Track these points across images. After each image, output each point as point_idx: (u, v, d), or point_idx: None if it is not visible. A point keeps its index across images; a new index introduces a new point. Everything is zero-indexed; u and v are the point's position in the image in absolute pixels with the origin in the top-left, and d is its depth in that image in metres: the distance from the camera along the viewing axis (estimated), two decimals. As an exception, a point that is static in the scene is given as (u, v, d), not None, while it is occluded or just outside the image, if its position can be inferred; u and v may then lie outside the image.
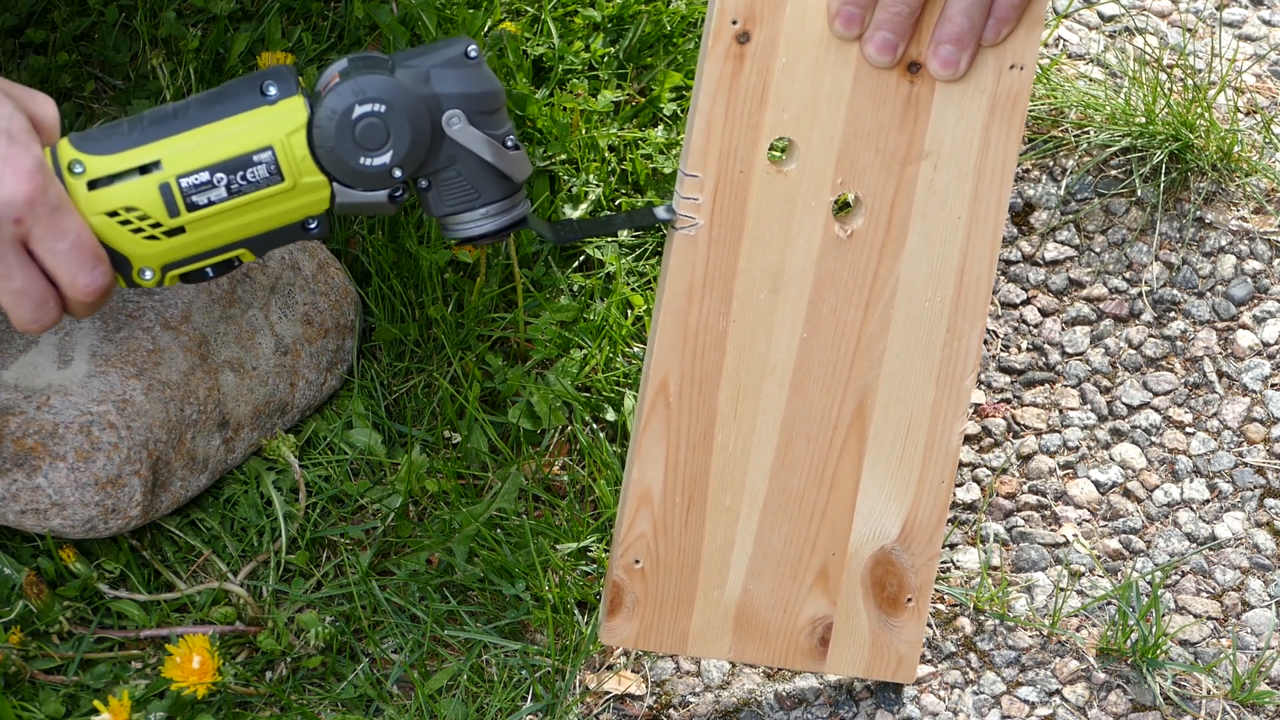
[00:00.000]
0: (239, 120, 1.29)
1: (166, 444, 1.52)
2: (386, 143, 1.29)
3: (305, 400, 1.62)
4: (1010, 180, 1.39)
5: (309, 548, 1.57)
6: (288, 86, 1.29)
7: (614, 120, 1.80)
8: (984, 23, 1.35)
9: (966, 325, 1.42)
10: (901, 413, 1.42)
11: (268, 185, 1.29)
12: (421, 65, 1.30)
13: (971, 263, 1.40)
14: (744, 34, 1.34)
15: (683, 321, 1.39)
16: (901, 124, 1.37)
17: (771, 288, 1.39)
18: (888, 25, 1.34)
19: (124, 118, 1.31)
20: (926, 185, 1.38)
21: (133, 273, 1.30)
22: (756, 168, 1.36)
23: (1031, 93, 1.86)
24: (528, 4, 1.86)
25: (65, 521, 1.49)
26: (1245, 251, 1.81)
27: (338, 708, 1.49)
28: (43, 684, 1.47)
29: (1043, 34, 1.33)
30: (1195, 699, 1.55)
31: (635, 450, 1.41)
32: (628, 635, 1.45)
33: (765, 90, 1.35)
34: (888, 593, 1.46)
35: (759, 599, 1.45)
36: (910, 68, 1.36)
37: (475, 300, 1.67)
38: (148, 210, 1.28)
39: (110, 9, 1.81)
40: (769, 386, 1.41)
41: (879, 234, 1.39)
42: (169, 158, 1.28)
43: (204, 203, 1.29)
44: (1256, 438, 1.70)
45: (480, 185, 1.32)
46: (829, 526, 1.44)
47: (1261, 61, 1.96)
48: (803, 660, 1.47)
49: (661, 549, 1.43)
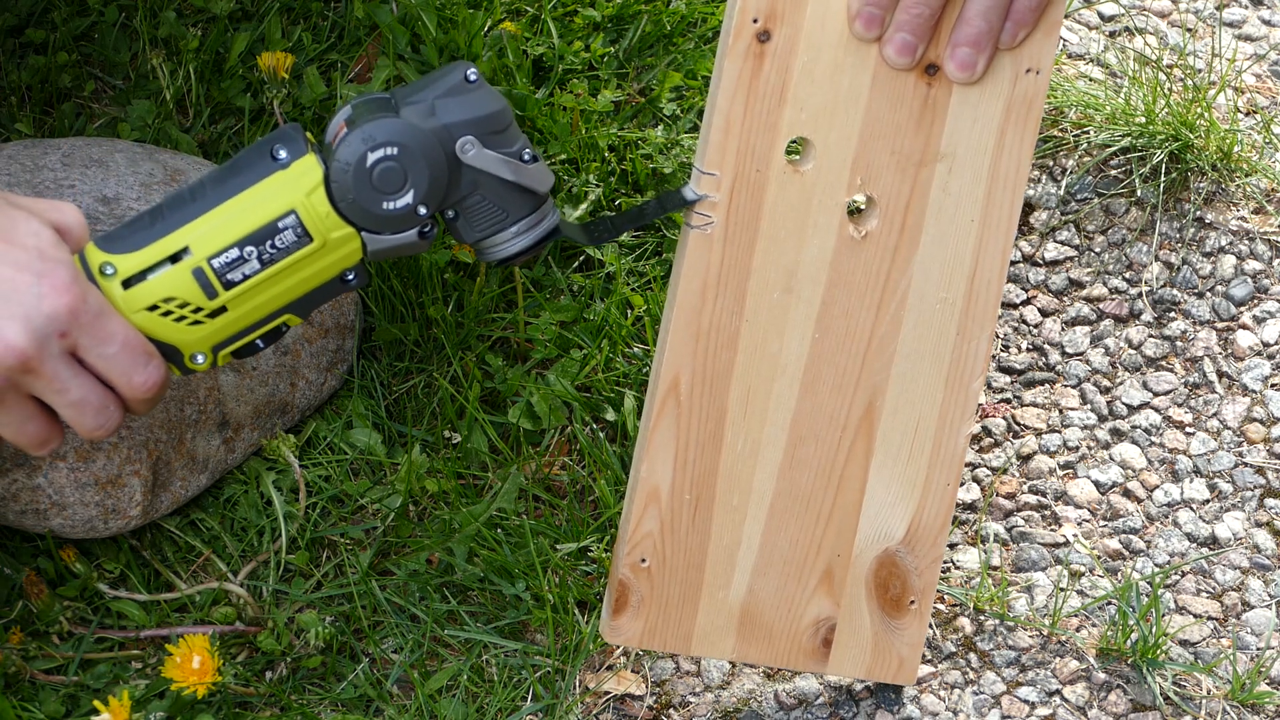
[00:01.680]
0: (256, 190, 1.29)
1: (166, 444, 1.52)
2: (406, 184, 1.29)
3: (305, 400, 1.62)
4: (1024, 185, 1.39)
5: (309, 548, 1.57)
6: (297, 147, 1.30)
7: (614, 120, 1.80)
8: (1002, 25, 1.35)
9: (976, 328, 1.42)
10: (910, 414, 1.42)
11: (298, 248, 1.30)
12: (425, 99, 1.30)
13: (983, 266, 1.40)
14: (765, 33, 1.34)
15: (695, 320, 1.39)
16: (918, 126, 1.37)
17: (785, 287, 1.39)
18: (908, 27, 1.34)
19: (143, 211, 1.32)
20: (941, 188, 1.38)
21: (185, 360, 1.32)
22: (774, 167, 1.36)
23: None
24: (528, 4, 1.86)
25: (65, 521, 1.49)
26: (1245, 251, 1.81)
27: (338, 708, 1.49)
28: (43, 684, 1.47)
29: (1059, 38, 1.33)
30: (1195, 699, 1.55)
31: (644, 448, 1.41)
32: (632, 634, 1.45)
33: (784, 89, 1.35)
34: (891, 594, 1.46)
35: (764, 600, 1.45)
36: (928, 70, 1.36)
37: (475, 300, 1.67)
38: (186, 298, 1.29)
39: (110, 9, 1.81)
40: (779, 386, 1.41)
41: (893, 235, 1.39)
42: (196, 242, 1.29)
43: (239, 278, 1.29)
44: (1256, 438, 1.70)
45: (507, 205, 1.33)
46: (835, 527, 1.44)
47: (1261, 61, 1.96)
48: (805, 661, 1.47)
49: (668, 548, 1.43)
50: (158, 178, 1.61)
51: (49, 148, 1.63)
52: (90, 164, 1.61)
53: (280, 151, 1.29)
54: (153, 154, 1.64)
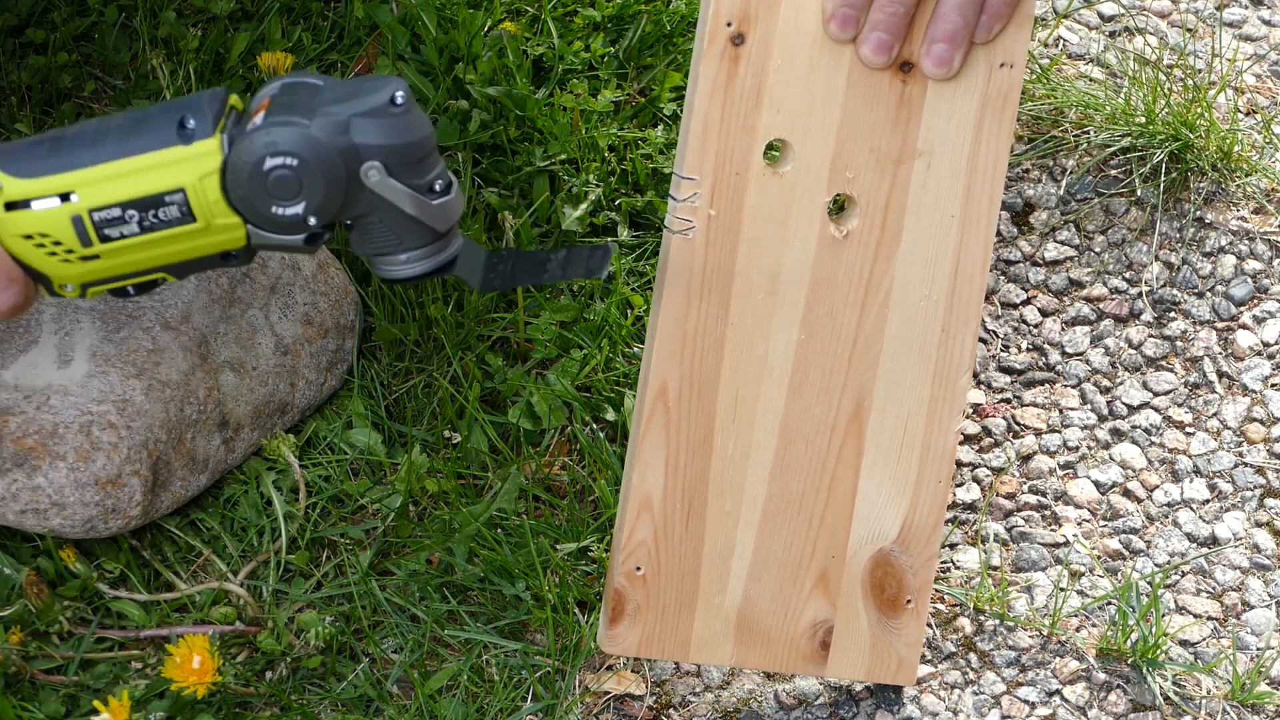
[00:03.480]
0: (153, 158, 1.26)
1: (166, 444, 1.52)
2: (299, 194, 1.26)
3: (305, 400, 1.62)
4: (1002, 178, 1.39)
5: (309, 548, 1.57)
6: (204, 125, 1.26)
7: (614, 120, 1.80)
8: (977, 20, 1.35)
9: (961, 324, 1.42)
10: (898, 413, 1.42)
11: (180, 224, 1.27)
12: (342, 114, 1.25)
13: (965, 261, 1.40)
14: (739, 35, 1.34)
15: (681, 326, 1.39)
16: (895, 124, 1.37)
17: (769, 289, 1.39)
18: (883, 26, 1.34)
19: (50, 132, 1.29)
20: (920, 185, 1.39)
21: (54, 286, 1.30)
22: (753, 169, 1.37)
23: (1023, 90, 1.87)
24: (528, 4, 1.86)
25: (65, 521, 1.49)
26: (1245, 251, 1.81)
27: (338, 708, 1.49)
28: (43, 684, 1.47)
29: (1032, 31, 1.34)
30: (1195, 699, 1.55)
31: (635, 457, 1.41)
32: (630, 643, 1.45)
33: (760, 91, 1.35)
34: (887, 594, 1.46)
35: (760, 604, 1.45)
36: (903, 67, 1.36)
37: (475, 300, 1.67)
38: (62, 238, 1.27)
39: (110, 9, 1.81)
40: (767, 389, 1.41)
41: (874, 234, 1.39)
42: (83, 189, 1.27)
43: (116, 236, 1.27)
44: (1256, 438, 1.70)
45: (402, 233, 1.29)
46: (828, 529, 1.44)
47: (1261, 61, 1.96)
48: (804, 664, 1.47)
49: (663, 555, 1.43)
50: (158, 178, 1.61)
51: (49, 148, 1.63)
52: (90, 164, 1.61)
53: (189, 122, 1.26)
54: (153, 154, 1.64)
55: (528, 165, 1.75)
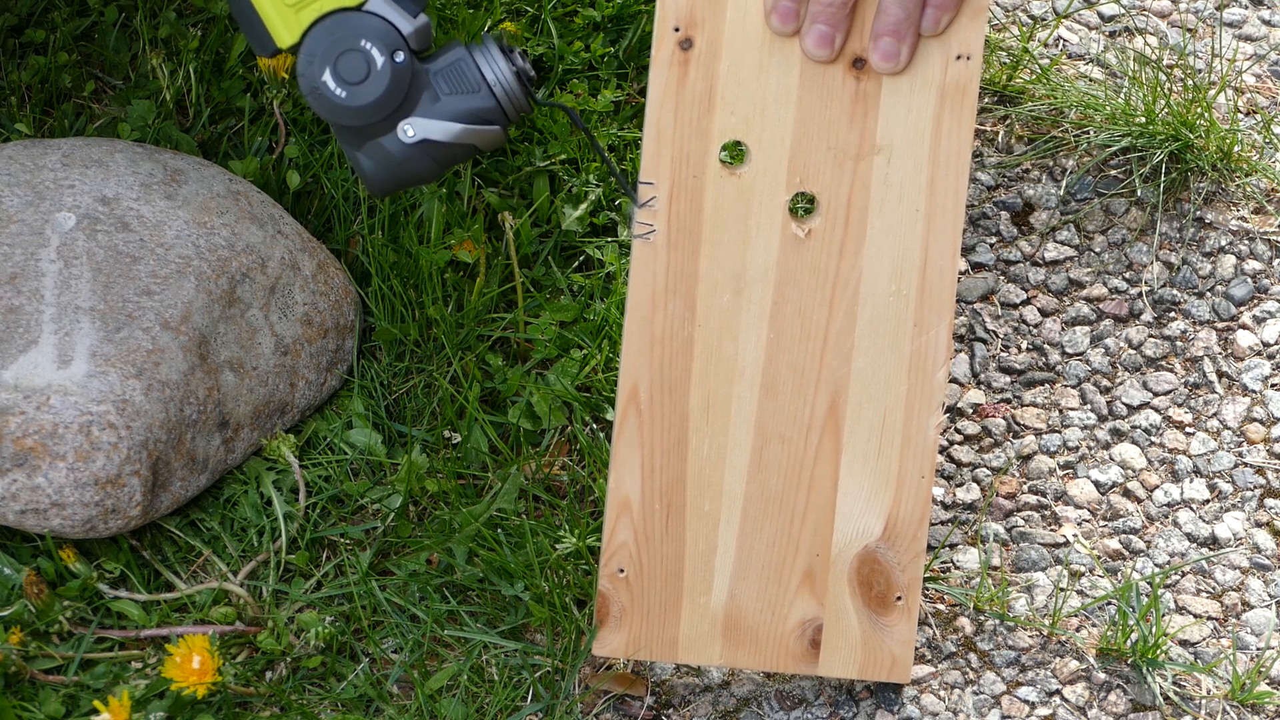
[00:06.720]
0: None
1: (166, 444, 1.52)
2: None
3: (305, 400, 1.62)
4: (966, 170, 1.39)
5: (309, 548, 1.57)
6: None
7: (614, 120, 1.80)
8: (921, 12, 1.35)
9: (934, 317, 1.42)
10: (875, 409, 1.42)
11: None
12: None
13: (934, 255, 1.41)
14: (686, 40, 1.35)
15: (648, 328, 1.39)
16: (851, 120, 1.38)
17: (734, 290, 1.39)
18: (823, 18, 1.34)
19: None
20: (881, 180, 1.39)
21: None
22: (709, 172, 1.38)
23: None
24: (528, 4, 1.86)
25: (65, 521, 1.49)
26: (1245, 251, 1.81)
27: (338, 708, 1.49)
28: (43, 684, 1.47)
29: (986, 22, 1.35)
30: (1195, 699, 1.55)
31: (611, 459, 1.42)
32: (617, 645, 1.45)
33: (712, 94, 1.36)
34: (876, 592, 1.46)
35: (746, 603, 1.45)
36: (855, 64, 1.36)
37: (475, 300, 1.67)
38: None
39: (110, 9, 1.81)
40: (739, 389, 1.41)
41: (837, 231, 1.39)
42: None
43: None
44: (1256, 438, 1.70)
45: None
46: (811, 527, 1.44)
47: (1261, 61, 1.96)
48: (794, 664, 1.47)
49: (644, 557, 1.43)
50: (158, 178, 1.61)
51: (49, 148, 1.63)
52: (90, 164, 1.61)
53: None
54: (153, 154, 1.64)
55: (528, 165, 1.75)
